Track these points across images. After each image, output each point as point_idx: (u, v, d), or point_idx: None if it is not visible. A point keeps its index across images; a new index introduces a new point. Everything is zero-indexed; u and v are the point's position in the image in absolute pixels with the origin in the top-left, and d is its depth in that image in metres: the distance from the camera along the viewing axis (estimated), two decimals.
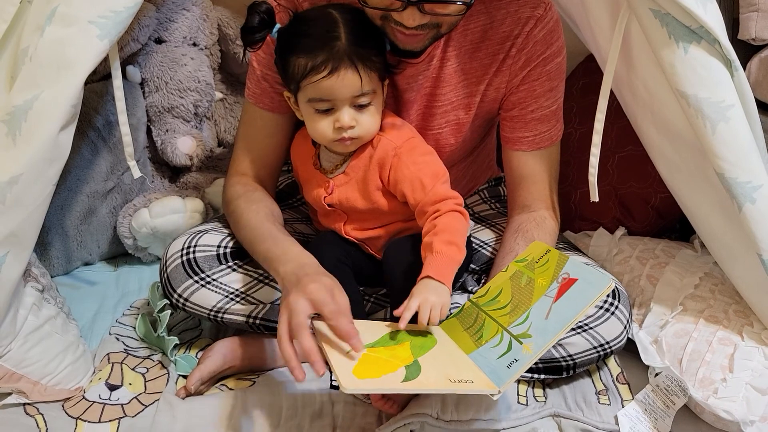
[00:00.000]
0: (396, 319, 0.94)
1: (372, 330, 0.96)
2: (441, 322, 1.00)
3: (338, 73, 0.95)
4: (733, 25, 1.34)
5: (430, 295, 0.92)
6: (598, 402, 1.08)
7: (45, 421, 1.02)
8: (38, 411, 1.03)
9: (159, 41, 1.48)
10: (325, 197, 1.09)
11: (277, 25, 1.01)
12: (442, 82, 1.10)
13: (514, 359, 0.88)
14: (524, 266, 0.99)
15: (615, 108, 1.16)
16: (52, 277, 1.33)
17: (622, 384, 1.12)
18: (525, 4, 1.05)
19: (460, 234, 0.99)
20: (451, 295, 0.97)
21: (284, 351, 0.88)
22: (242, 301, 1.10)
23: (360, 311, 1.11)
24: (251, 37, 1.00)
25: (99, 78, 1.37)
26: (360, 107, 1.00)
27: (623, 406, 1.07)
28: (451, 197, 1.01)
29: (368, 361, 0.88)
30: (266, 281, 1.11)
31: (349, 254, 1.11)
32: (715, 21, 0.92)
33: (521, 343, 0.89)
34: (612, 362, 1.15)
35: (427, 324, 0.92)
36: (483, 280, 1.21)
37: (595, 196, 1.10)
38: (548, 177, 1.15)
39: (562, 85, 1.12)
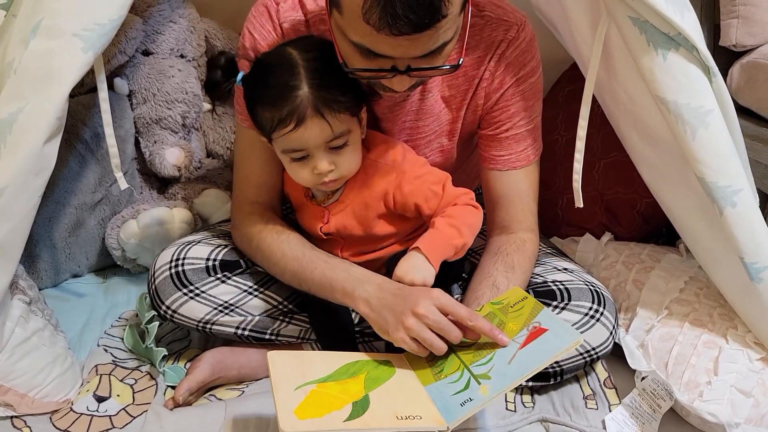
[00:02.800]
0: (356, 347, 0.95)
1: (330, 361, 0.95)
2: None
3: (305, 124, 0.92)
4: (714, 31, 1.36)
5: (412, 270, 0.94)
6: (586, 407, 1.09)
7: None
8: (26, 424, 1.03)
9: (146, 53, 1.48)
10: (321, 227, 1.07)
11: (241, 73, 0.98)
12: (424, 114, 1.09)
13: (468, 398, 0.86)
14: (498, 309, 0.96)
15: (600, 114, 1.17)
16: (40, 289, 1.33)
17: (610, 388, 1.13)
18: (497, 27, 1.03)
19: (467, 224, 0.98)
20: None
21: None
22: (231, 313, 1.10)
23: (351, 345, 1.11)
24: (218, 92, 0.99)
25: (87, 90, 1.38)
26: (336, 149, 0.97)
27: (610, 411, 1.08)
28: (462, 193, 1.01)
29: (315, 397, 0.87)
30: (255, 293, 1.11)
31: None
32: (692, 28, 0.93)
33: (479, 383, 0.87)
34: (599, 367, 1.16)
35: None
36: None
37: (579, 202, 1.11)
38: (526, 197, 1.12)
39: (538, 105, 1.10)
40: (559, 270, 1.14)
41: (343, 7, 0.84)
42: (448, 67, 0.90)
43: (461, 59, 0.91)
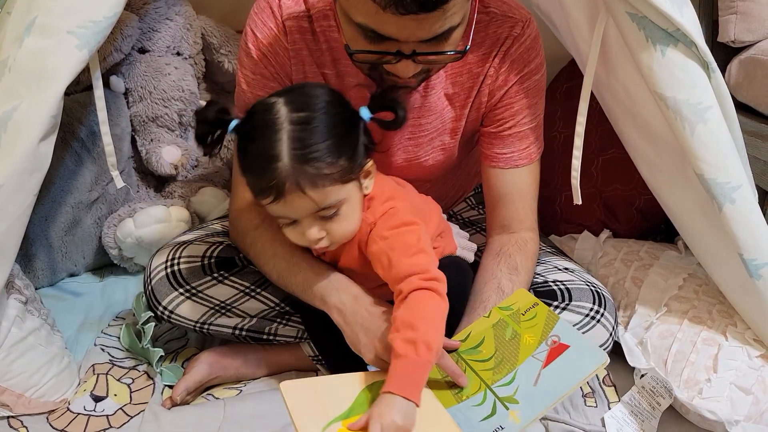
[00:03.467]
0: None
1: (347, 388, 0.88)
2: None
3: (284, 199, 0.85)
4: (712, 27, 1.35)
5: (392, 416, 0.78)
6: (585, 404, 1.08)
7: None
8: (22, 424, 1.03)
9: (142, 51, 1.48)
10: (319, 255, 1.02)
11: (234, 122, 0.89)
12: (427, 111, 1.08)
13: (500, 426, 0.82)
14: (509, 316, 0.94)
15: (598, 111, 1.17)
16: (37, 288, 1.32)
17: (609, 386, 1.12)
18: (502, 24, 1.02)
19: (426, 320, 0.84)
20: None
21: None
22: (228, 314, 1.10)
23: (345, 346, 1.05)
24: (206, 147, 0.90)
25: (82, 88, 1.37)
26: (327, 217, 0.88)
27: (610, 408, 1.07)
28: (416, 272, 0.87)
29: None
30: (253, 294, 1.10)
31: None
32: (691, 24, 0.93)
33: (507, 408, 0.84)
34: None
35: None
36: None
37: (578, 199, 1.10)
38: (527, 196, 1.10)
39: (541, 103, 1.09)
40: (560, 269, 1.14)
41: None
42: (453, 52, 0.88)
43: (467, 46, 0.90)
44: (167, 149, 1.46)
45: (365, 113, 0.89)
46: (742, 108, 1.29)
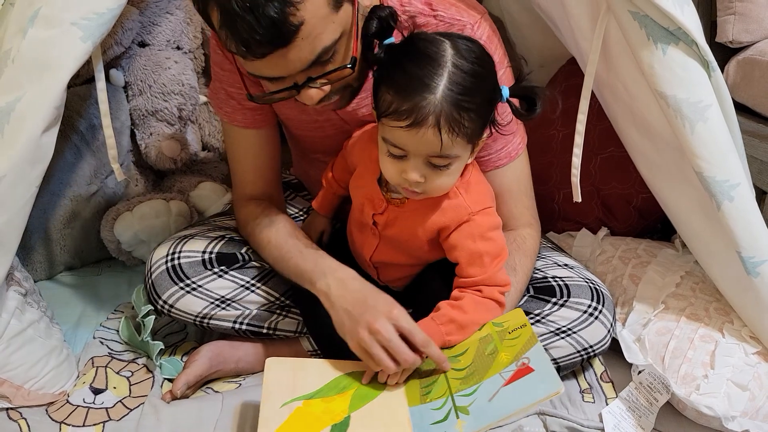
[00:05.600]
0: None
1: (323, 372, 0.96)
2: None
3: (418, 129, 0.85)
4: (710, 27, 1.36)
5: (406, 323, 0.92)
6: (583, 400, 1.09)
7: (28, 426, 1.01)
8: (21, 416, 1.03)
9: (142, 44, 1.48)
10: (374, 214, 1.03)
11: (391, 39, 0.91)
12: None
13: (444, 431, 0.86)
14: (497, 333, 0.95)
15: (597, 110, 1.17)
16: (35, 281, 1.31)
17: (606, 382, 1.13)
18: (451, 27, 0.99)
19: (476, 322, 0.97)
20: None
21: (401, 361, 0.91)
22: (228, 308, 1.10)
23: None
24: (366, 50, 0.91)
25: (82, 81, 1.37)
26: (434, 166, 0.90)
27: (607, 404, 1.08)
28: (500, 284, 0.97)
29: (298, 417, 0.88)
30: (253, 288, 1.11)
31: None
32: (692, 22, 0.93)
33: (458, 417, 0.87)
34: (596, 361, 1.16)
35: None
36: None
37: (577, 197, 1.11)
38: (517, 193, 1.10)
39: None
40: (559, 266, 1.14)
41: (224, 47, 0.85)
42: (344, 66, 0.89)
43: (355, 56, 0.90)
44: (166, 143, 1.46)
45: (505, 92, 0.92)
46: (739, 108, 1.30)
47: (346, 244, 1.13)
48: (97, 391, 1.08)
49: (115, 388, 1.09)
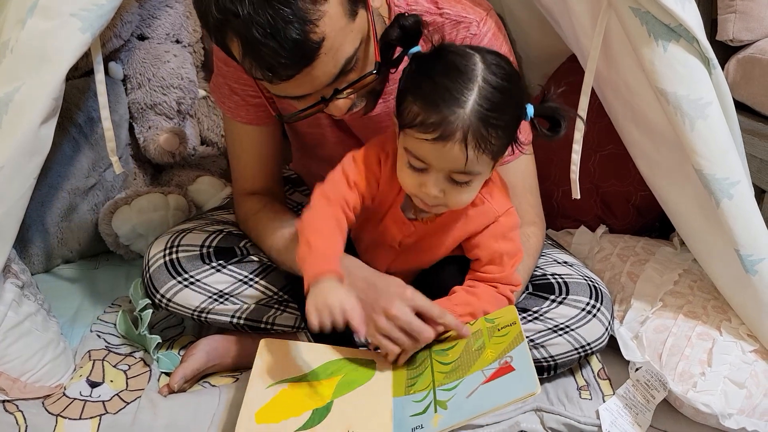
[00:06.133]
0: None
1: (314, 356, 0.96)
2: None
3: (444, 143, 0.83)
4: (711, 25, 1.36)
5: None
6: (580, 397, 1.09)
7: (25, 419, 1.01)
8: (17, 408, 1.02)
9: (142, 38, 1.47)
10: (401, 241, 1.01)
11: (417, 48, 0.89)
12: (388, 116, 1.04)
13: (420, 425, 0.86)
14: (488, 329, 0.95)
15: (596, 107, 1.17)
16: (32, 274, 1.31)
17: (603, 379, 1.13)
18: (457, 25, 1.00)
19: (484, 311, 0.98)
20: None
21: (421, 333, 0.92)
22: (226, 302, 1.10)
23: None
24: (385, 62, 0.90)
25: (81, 74, 1.37)
26: (455, 182, 0.88)
27: (604, 401, 1.08)
28: (514, 283, 0.99)
29: (282, 399, 0.89)
30: (251, 283, 1.11)
31: None
32: (693, 19, 0.93)
33: (435, 411, 0.87)
34: (593, 358, 1.16)
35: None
36: None
37: (576, 194, 1.11)
38: (522, 191, 1.09)
39: None
40: (559, 263, 1.14)
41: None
42: (370, 73, 0.89)
43: (378, 61, 0.89)
44: (165, 137, 1.45)
45: (530, 111, 0.89)
46: (739, 107, 1.29)
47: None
48: (93, 385, 1.08)
49: (111, 381, 1.09)
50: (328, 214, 0.92)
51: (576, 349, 1.07)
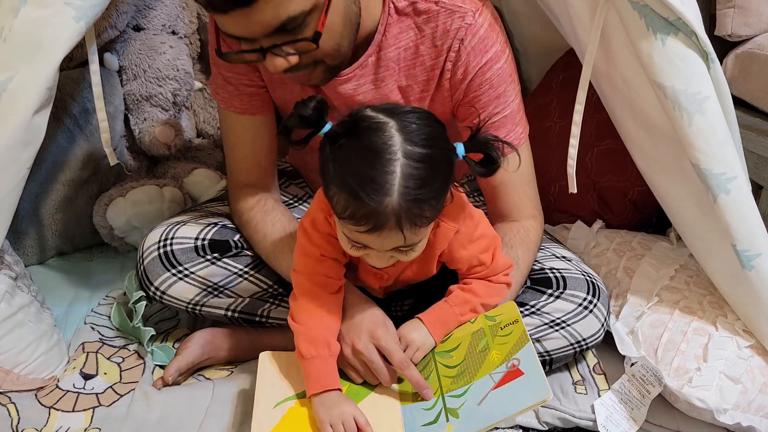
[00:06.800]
0: None
1: None
2: None
3: (380, 232, 0.81)
4: (710, 20, 1.36)
5: (413, 335, 0.95)
6: (575, 391, 1.09)
7: (17, 410, 1.00)
8: (10, 400, 1.02)
9: (137, 29, 1.46)
10: (380, 285, 1.01)
11: (329, 124, 0.84)
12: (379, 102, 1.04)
13: None
14: (489, 327, 0.95)
15: (594, 102, 1.17)
16: (26, 266, 1.31)
17: (599, 374, 1.13)
18: (452, 15, 0.98)
19: (486, 305, 0.98)
20: None
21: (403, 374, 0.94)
22: (220, 295, 1.09)
23: None
24: (289, 142, 0.87)
25: (75, 65, 1.36)
26: (401, 251, 0.87)
27: (600, 396, 1.08)
28: (503, 269, 0.98)
29: (291, 417, 0.88)
30: (246, 276, 1.10)
31: None
32: (692, 13, 0.93)
33: (447, 420, 0.86)
34: (589, 354, 1.16)
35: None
36: None
37: (573, 188, 1.10)
38: (520, 184, 1.09)
39: (513, 89, 1.05)
40: (557, 257, 1.14)
41: None
42: (303, 39, 0.87)
43: (319, 31, 0.87)
44: (160, 129, 1.44)
45: (460, 150, 0.85)
46: (737, 102, 1.29)
47: None
48: (87, 377, 1.08)
49: (105, 373, 1.09)
50: (313, 308, 0.93)
51: (572, 344, 1.06)
